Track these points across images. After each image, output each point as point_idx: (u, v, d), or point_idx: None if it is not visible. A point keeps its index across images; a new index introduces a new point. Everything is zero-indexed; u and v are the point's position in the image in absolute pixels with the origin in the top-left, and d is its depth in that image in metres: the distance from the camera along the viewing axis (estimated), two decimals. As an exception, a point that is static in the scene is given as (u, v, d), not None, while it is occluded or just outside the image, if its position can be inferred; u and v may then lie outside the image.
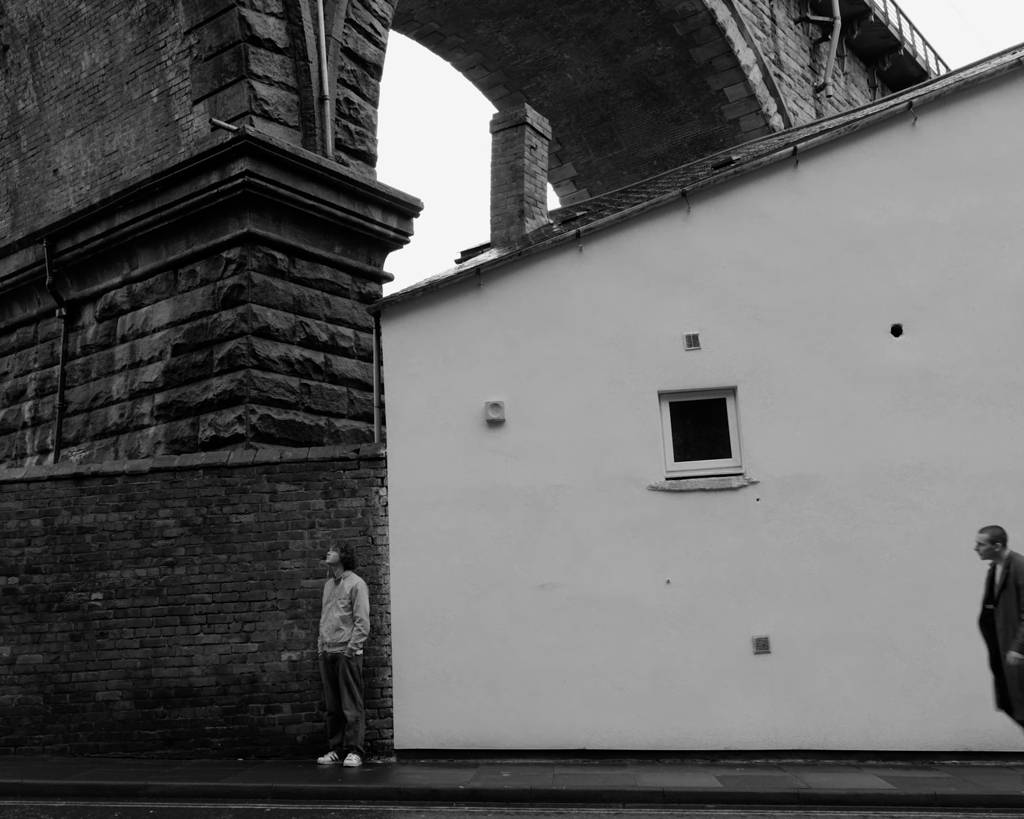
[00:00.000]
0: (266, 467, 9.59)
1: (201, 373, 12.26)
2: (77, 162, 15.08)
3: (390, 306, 9.85)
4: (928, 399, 8.90)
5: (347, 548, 8.98)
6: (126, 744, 9.15)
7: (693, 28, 21.59)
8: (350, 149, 13.87)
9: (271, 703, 9.13)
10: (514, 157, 12.86)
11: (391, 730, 9.04)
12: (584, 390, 9.32)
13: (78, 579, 9.51)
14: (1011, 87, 9.38)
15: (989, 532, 7.80)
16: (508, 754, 8.84)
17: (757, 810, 7.05)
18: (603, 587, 8.95)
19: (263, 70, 12.86)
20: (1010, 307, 8.95)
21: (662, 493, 9.07)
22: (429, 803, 7.37)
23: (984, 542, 7.77)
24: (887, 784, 7.46)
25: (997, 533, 7.80)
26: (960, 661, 8.41)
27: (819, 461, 8.92)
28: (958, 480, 8.74)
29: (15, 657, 9.42)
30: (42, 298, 14.73)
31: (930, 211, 9.22)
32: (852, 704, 8.52)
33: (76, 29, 14.89)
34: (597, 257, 9.56)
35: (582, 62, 23.16)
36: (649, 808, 7.15)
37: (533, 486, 9.22)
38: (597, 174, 25.32)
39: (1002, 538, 7.77)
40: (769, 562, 8.82)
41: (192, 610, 9.34)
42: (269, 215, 12.45)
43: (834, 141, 9.46)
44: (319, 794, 7.58)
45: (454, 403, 9.47)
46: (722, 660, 8.74)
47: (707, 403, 9.31)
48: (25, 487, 9.79)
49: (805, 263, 9.28)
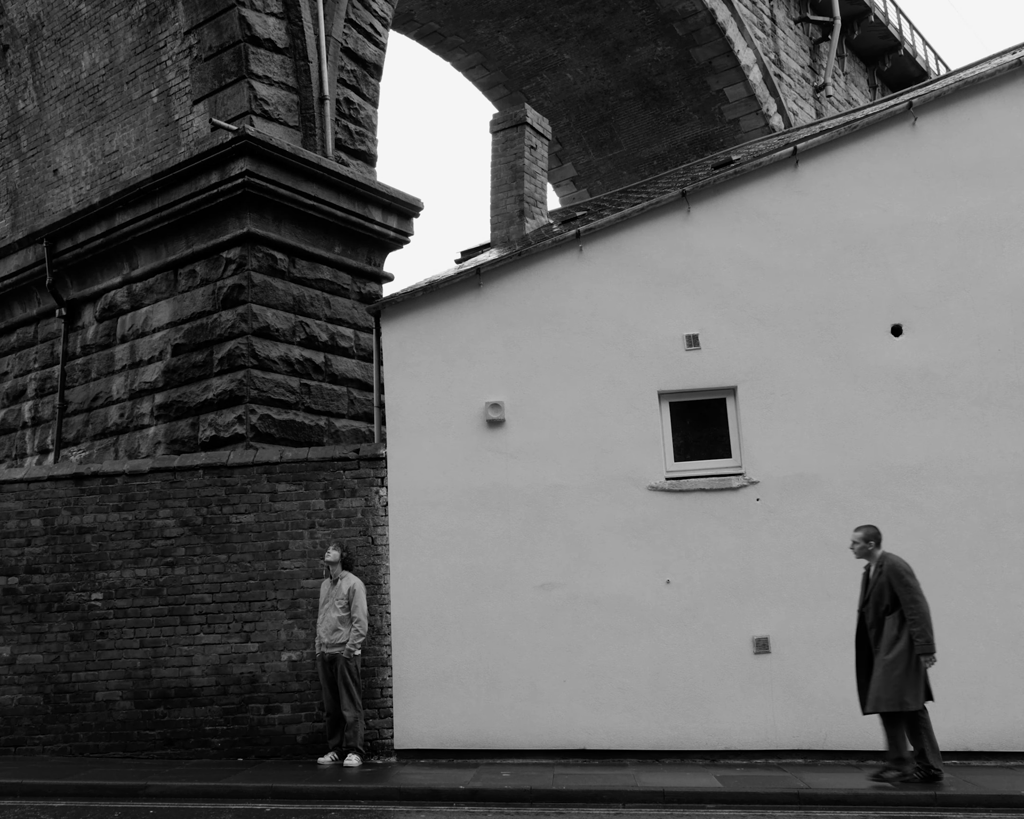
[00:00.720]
0: (266, 467, 9.59)
1: (201, 373, 12.26)
2: (77, 162, 15.08)
3: (390, 306, 9.85)
4: (928, 399, 8.90)
5: (347, 548, 9.00)
6: (126, 744, 9.15)
7: (693, 28, 21.59)
8: (350, 149, 13.87)
9: (271, 703, 9.13)
10: (514, 157, 12.86)
11: (391, 730, 9.04)
12: (584, 390, 9.32)
13: (78, 579, 9.51)
14: (1011, 87, 9.38)
15: (863, 531, 7.94)
16: (508, 754, 8.84)
17: (757, 810, 7.05)
18: (603, 587, 8.95)
19: (263, 70, 12.86)
20: (1010, 307, 8.95)
21: (662, 493, 9.07)
22: (429, 803, 7.37)
23: (858, 541, 7.92)
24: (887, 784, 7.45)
25: (871, 532, 7.93)
26: (960, 661, 8.42)
27: (819, 461, 8.92)
28: (958, 480, 8.74)
29: (15, 657, 9.42)
30: (42, 298, 14.73)
31: (930, 211, 9.22)
32: (852, 704, 8.49)
33: (76, 29, 14.89)
34: (597, 257, 9.56)
35: (582, 62, 23.16)
36: (649, 808, 7.15)
37: (533, 486, 9.22)
38: (597, 174, 25.32)
39: (875, 537, 7.92)
40: (769, 562, 8.82)
41: (192, 610, 9.34)
42: (269, 215, 12.45)
43: (834, 141, 9.46)
44: (319, 794, 7.58)
45: (454, 403, 9.47)
46: (722, 660, 8.74)
47: (707, 403, 9.31)
48: (25, 487, 9.79)
49: (805, 263, 9.28)
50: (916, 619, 7.46)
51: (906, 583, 7.57)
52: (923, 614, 7.47)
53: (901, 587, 7.57)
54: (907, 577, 7.59)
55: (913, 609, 7.49)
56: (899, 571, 7.63)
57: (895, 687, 7.43)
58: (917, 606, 7.49)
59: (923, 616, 7.46)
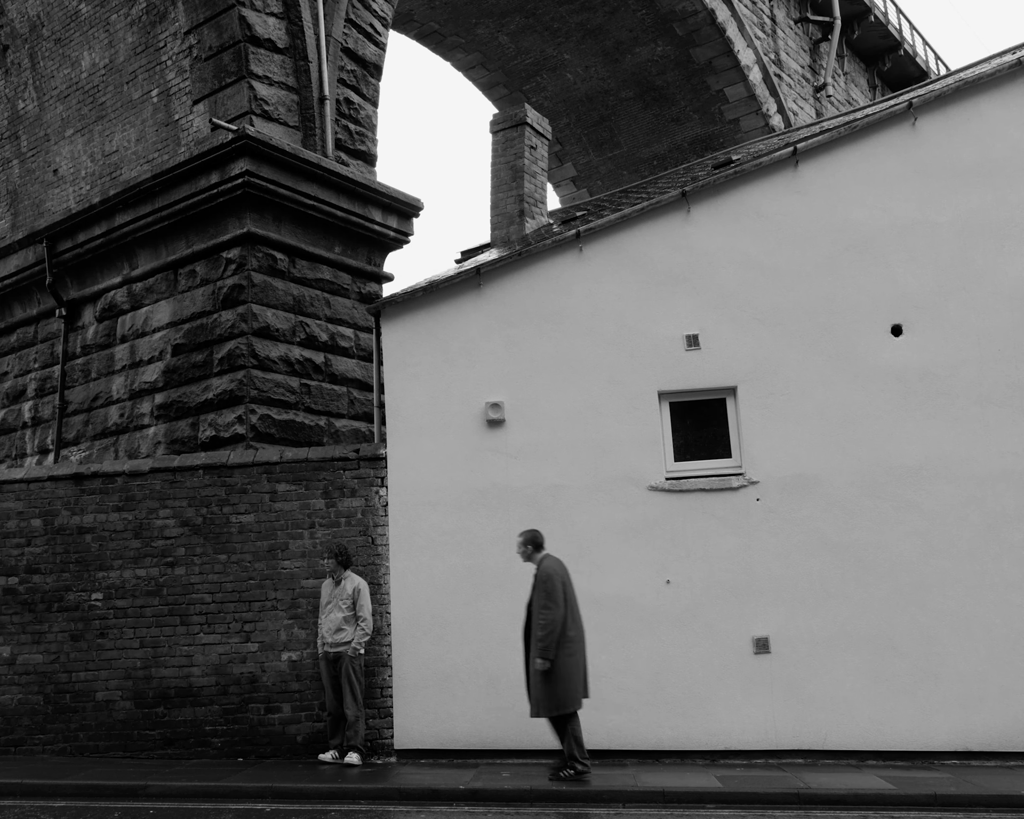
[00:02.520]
0: (266, 467, 9.59)
1: (201, 373, 12.26)
2: (77, 162, 15.08)
3: (390, 306, 9.85)
4: (928, 399, 8.90)
5: (340, 549, 8.92)
6: (126, 744, 9.15)
7: (693, 28, 21.59)
8: (350, 149, 13.87)
9: (271, 703, 9.13)
10: (514, 157, 12.86)
11: (391, 730, 9.04)
12: (584, 390, 9.32)
13: (78, 579, 9.51)
14: (1011, 87, 9.38)
15: (524, 535, 8.26)
16: (508, 754, 8.84)
17: (757, 810, 7.05)
18: (603, 587, 8.95)
19: (263, 70, 12.86)
20: (1010, 307, 8.95)
21: (662, 493, 9.07)
22: (429, 803, 7.37)
23: (519, 545, 8.27)
24: (887, 784, 7.46)
25: (528, 536, 8.25)
26: (960, 661, 8.42)
27: (819, 461, 8.92)
28: (958, 480, 8.74)
29: (15, 657, 9.42)
30: (42, 298, 14.73)
31: (930, 211, 9.22)
32: (852, 704, 8.52)
33: (76, 29, 14.89)
34: (597, 257, 9.56)
35: (582, 62, 23.16)
36: (649, 808, 7.15)
37: (533, 486, 9.22)
38: (597, 174, 25.32)
39: (533, 541, 8.22)
40: (769, 562, 8.82)
41: (192, 610, 9.34)
42: (269, 215, 12.45)
43: (834, 141, 9.46)
44: (319, 794, 7.58)
45: (454, 403, 9.47)
46: (722, 660, 8.74)
47: (707, 403, 9.31)
48: (25, 487, 9.79)
49: (805, 263, 9.28)
50: (543, 624, 7.77)
51: (546, 589, 7.87)
52: (550, 621, 7.75)
53: (541, 592, 7.88)
54: (549, 583, 7.88)
55: (543, 614, 7.79)
56: (543, 576, 7.93)
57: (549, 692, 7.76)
58: (548, 613, 7.78)
59: (549, 622, 7.75)
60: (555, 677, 7.74)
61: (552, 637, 7.72)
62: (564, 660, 7.75)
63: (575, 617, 7.97)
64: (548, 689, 7.75)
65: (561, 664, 7.74)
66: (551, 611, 7.77)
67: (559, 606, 7.80)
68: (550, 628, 7.73)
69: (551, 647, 7.71)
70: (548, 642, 7.71)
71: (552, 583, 7.86)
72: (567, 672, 7.76)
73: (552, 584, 7.86)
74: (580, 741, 7.85)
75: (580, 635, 7.98)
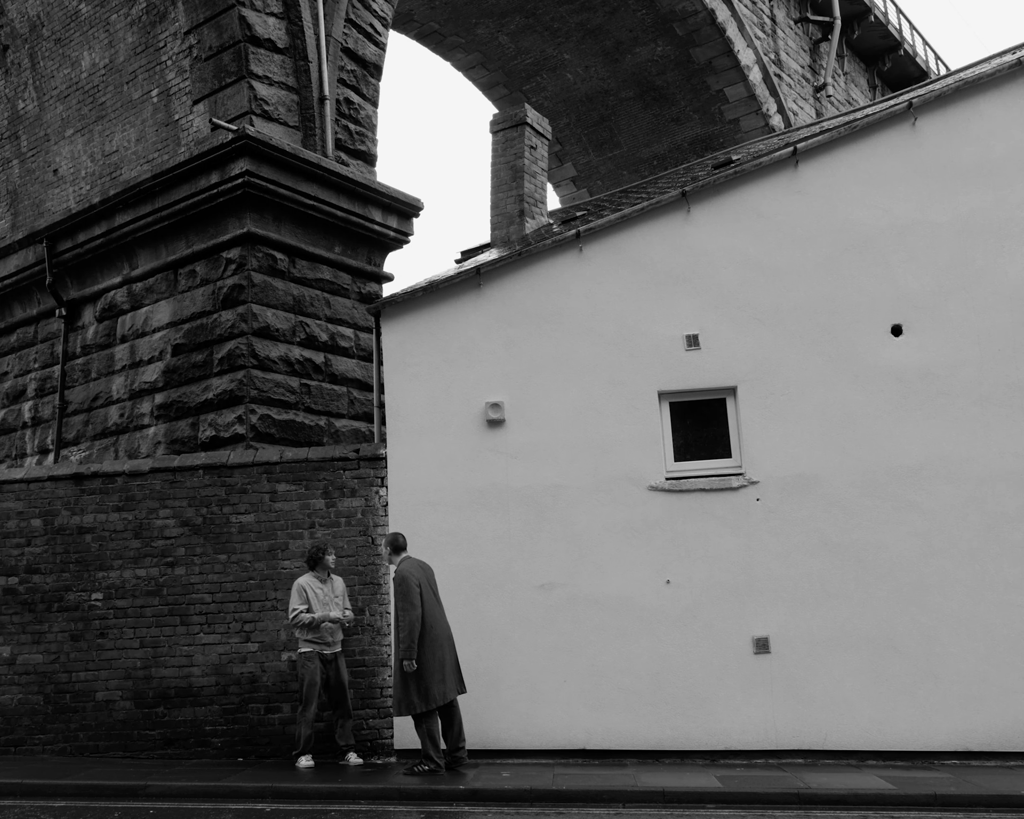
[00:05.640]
0: (266, 467, 9.59)
1: (201, 373, 12.26)
2: (77, 162, 15.08)
3: (390, 306, 9.85)
4: (928, 399, 8.90)
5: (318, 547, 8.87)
6: (126, 744, 9.15)
7: (693, 28, 21.60)
8: (350, 149, 13.87)
9: (271, 703, 9.13)
10: (514, 157, 12.86)
11: (391, 730, 9.04)
12: (584, 390, 9.32)
13: (78, 579, 9.51)
14: (1011, 87, 9.38)
15: (384, 538, 8.54)
16: (508, 754, 8.84)
17: (757, 810, 7.05)
18: (603, 587, 8.95)
19: (263, 70, 12.86)
20: (1010, 307, 8.95)
21: (662, 493, 9.07)
22: (429, 803, 7.37)
23: (383, 548, 8.35)
24: (887, 784, 7.45)
25: (388, 539, 8.55)
26: (960, 661, 8.42)
27: (819, 461, 8.92)
28: (958, 480, 8.74)
29: (15, 657, 9.42)
30: (42, 298, 14.73)
31: (930, 211, 9.22)
32: (852, 704, 8.51)
33: (76, 29, 14.89)
34: (597, 257, 9.56)
35: (582, 62, 23.16)
36: (649, 808, 7.14)
37: (533, 486, 9.22)
38: (597, 174, 25.32)
39: (392, 544, 8.49)
40: (769, 562, 8.82)
41: (192, 610, 9.34)
42: (269, 215, 12.45)
43: (834, 141, 9.46)
44: (319, 794, 7.58)
45: (454, 403, 9.47)
46: (722, 660, 8.74)
47: (707, 403, 9.31)
48: (25, 487, 9.79)
49: (805, 263, 9.27)
50: (402, 626, 8.00)
51: (401, 592, 8.09)
52: (409, 622, 7.97)
53: (397, 595, 8.12)
54: (403, 586, 8.10)
55: (402, 617, 8.02)
56: (398, 579, 8.15)
57: (406, 691, 7.99)
58: (405, 615, 8.00)
59: (408, 623, 7.97)
60: (411, 677, 7.99)
61: (413, 638, 7.95)
62: (421, 659, 8.00)
63: (435, 615, 8.19)
64: (405, 689, 7.99)
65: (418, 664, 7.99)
66: (408, 613, 8.01)
67: (415, 607, 8.03)
68: (409, 629, 7.96)
69: (413, 647, 7.94)
70: (410, 643, 7.94)
71: (407, 585, 8.09)
72: (422, 672, 7.99)
73: (407, 586, 8.09)
74: (435, 739, 8.06)
75: (443, 632, 8.20)
